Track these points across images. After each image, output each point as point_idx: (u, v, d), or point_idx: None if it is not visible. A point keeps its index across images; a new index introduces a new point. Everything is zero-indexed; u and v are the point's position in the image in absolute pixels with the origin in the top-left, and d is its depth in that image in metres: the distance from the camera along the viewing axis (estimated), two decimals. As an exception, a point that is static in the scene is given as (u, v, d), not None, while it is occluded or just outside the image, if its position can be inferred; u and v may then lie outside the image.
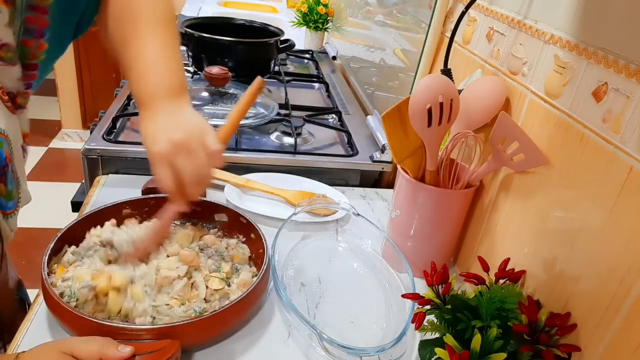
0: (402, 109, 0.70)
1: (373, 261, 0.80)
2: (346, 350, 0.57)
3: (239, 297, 0.60)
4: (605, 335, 0.50)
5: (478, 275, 0.61)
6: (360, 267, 0.80)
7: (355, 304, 0.72)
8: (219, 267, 0.68)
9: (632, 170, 0.48)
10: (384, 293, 0.74)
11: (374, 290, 0.75)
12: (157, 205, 0.69)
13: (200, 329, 0.57)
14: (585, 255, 0.54)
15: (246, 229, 0.75)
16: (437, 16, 0.90)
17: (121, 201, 0.75)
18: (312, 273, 0.76)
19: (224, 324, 0.61)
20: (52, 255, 0.64)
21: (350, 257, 0.82)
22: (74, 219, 0.70)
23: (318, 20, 1.80)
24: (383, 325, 0.68)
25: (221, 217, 0.78)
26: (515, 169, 0.66)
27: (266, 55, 1.34)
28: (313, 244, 0.83)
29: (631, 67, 0.49)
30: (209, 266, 0.68)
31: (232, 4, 2.46)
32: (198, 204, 0.76)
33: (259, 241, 0.71)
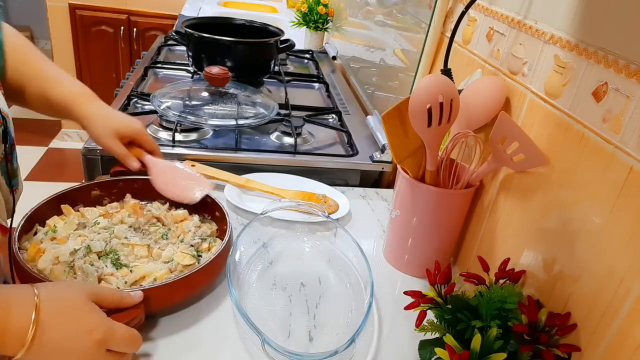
0: (402, 109, 0.70)
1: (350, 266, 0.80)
2: (288, 354, 0.55)
3: (201, 266, 0.64)
4: (605, 335, 0.50)
5: (478, 275, 0.61)
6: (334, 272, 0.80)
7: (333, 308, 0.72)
8: (199, 241, 0.72)
9: (632, 170, 0.48)
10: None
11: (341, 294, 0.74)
12: (126, 186, 0.75)
13: (165, 294, 0.60)
14: (585, 255, 0.54)
15: (210, 207, 0.78)
16: (437, 16, 0.90)
17: (90, 182, 0.77)
18: (312, 273, 0.76)
19: (185, 290, 0.63)
20: (23, 233, 0.67)
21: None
22: (43, 199, 0.71)
23: (318, 20, 1.80)
24: (340, 331, 0.66)
25: None
26: (515, 169, 0.66)
27: (266, 55, 1.34)
28: (310, 243, 0.83)
29: (631, 67, 0.49)
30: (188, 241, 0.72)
31: (232, 4, 2.46)
32: None
33: (224, 219, 0.74)
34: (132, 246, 0.69)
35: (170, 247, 0.70)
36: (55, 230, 0.68)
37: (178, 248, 0.70)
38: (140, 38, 2.80)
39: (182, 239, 0.72)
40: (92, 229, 0.70)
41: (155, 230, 0.74)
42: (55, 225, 0.70)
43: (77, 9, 2.72)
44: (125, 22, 2.77)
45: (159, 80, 1.35)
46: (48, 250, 0.65)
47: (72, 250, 0.64)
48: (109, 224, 0.72)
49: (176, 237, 0.73)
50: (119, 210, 0.76)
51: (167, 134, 1.02)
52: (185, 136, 1.02)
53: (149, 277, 0.64)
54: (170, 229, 0.75)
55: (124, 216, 0.74)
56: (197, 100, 1.12)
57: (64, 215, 0.73)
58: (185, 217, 0.77)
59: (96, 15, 2.73)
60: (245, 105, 1.12)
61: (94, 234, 0.69)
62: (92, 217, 0.73)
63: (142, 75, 1.31)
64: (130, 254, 0.68)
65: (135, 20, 2.77)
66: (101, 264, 0.65)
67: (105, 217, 0.74)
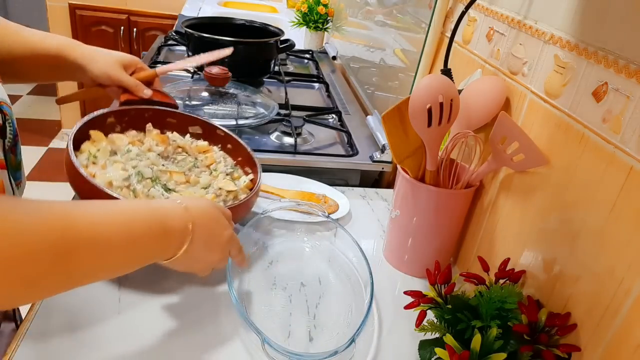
0: (402, 109, 0.70)
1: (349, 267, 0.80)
2: (288, 354, 0.56)
3: (256, 190, 0.73)
4: (605, 335, 0.50)
5: (478, 275, 0.61)
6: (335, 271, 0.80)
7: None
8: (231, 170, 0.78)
9: (632, 170, 0.48)
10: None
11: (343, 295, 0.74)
12: (137, 115, 0.78)
13: (240, 212, 0.69)
14: (585, 255, 0.54)
15: (223, 139, 0.82)
16: (437, 16, 0.90)
17: (106, 111, 0.76)
18: (312, 273, 0.76)
19: (246, 211, 0.72)
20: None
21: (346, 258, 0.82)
22: (74, 127, 0.70)
23: (318, 20, 1.80)
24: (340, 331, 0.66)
25: (195, 129, 0.84)
26: (515, 169, 0.66)
27: (266, 55, 1.34)
28: (310, 243, 0.83)
29: (631, 67, 0.49)
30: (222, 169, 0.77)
31: (232, 4, 2.46)
32: (172, 115, 0.82)
33: (239, 150, 0.81)
34: (170, 173, 0.71)
35: (204, 175, 0.75)
36: (96, 156, 0.69)
37: (215, 176, 0.75)
38: (140, 38, 2.80)
39: (215, 167, 0.77)
40: (126, 156, 0.71)
41: (184, 159, 0.76)
42: (92, 152, 0.70)
43: (77, 9, 2.72)
44: (125, 22, 2.77)
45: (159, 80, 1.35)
46: (98, 175, 0.65)
47: (125, 177, 0.66)
48: (140, 152, 0.73)
49: (206, 167, 0.77)
50: (142, 139, 0.77)
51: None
52: (185, 136, 1.02)
53: None
54: (197, 159, 0.78)
55: (151, 145, 0.75)
56: (197, 100, 1.12)
57: (93, 141, 0.72)
58: (208, 149, 0.81)
59: (96, 15, 2.73)
60: (245, 105, 1.12)
61: (129, 161, 0.70)
62: (122, 144, 0.73)
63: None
64: (170, 180, 0.71)
65: (135, 20, 2.77)
66: (158, 189, 0.67)
67: (133, 145, 0.74)
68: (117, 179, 0.65)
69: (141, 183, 0.67)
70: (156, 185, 0.68)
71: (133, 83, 0.78)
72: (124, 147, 0.72)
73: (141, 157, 0.72)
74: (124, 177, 0.66)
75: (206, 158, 0.79)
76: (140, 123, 0.79)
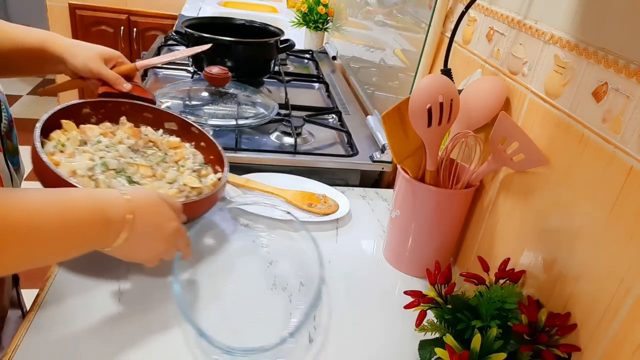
0: (402, 109, 0.70)
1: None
2: (221, 348, 0.56)
3: (220, 186, 0.73)
4: (605, 335, 0.50)
5: (478, 275, 0.61)
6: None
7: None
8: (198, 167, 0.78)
9: (632, 170, 0.48)
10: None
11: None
12: (114, 108, 0.79)
13: (193, 209, 0.68)
14: (585, 255, 0.54)
15: (196, 137, 0.83)
16: (437, 16, 0.90)
17: (81, 101, 0.77)
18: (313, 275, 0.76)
19: (202, 208, 0.71)
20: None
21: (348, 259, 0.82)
22: (47, 113, 0.70)
23: (318, 20, 1.80)
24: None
25: (171, 125, 0.85)
26: (515, 169, 0.66)
27: (266, 55, 1.34)
28: (268, 239, 0.83)
29: (631, 67, 0.49)
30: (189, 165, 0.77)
31: (232, 4, 2.46)
32: (149, 110, 0.83)
33: (211, 148, 0.81)
34: (137, 166, 0.71)
35: (171, 170, 0.75)
36: (64, 145, 0.69)
37: (182, 172, 0.75)
38: (140, 38, 2.80)
39: (183, 164, 0.78)
40: (95, 146, 0.71)
41: (153, 153, 0.77)
42: (62, 140, 0.70)
43: (77, 9, 2.72)
44: (125, 22, 2.77)
45: (159, 80, 1.35)
46: (63, 163, 0.65)
47: (90, 166, 0.66)
48: (110, 143, 0.73)
49: (174, 162, 0.78)
50: (115, 131, 0.77)
51: (167, 134, 1.02)
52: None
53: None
54: (167, 154, 0.79)
55: (122, 137, 0.75)
56: (197, 100, 1.12)
57: (64, 130, 0.72)
58: (179, 145, 0.82)
59: (96, 15, 2.73)
60: (245, 105, 1.12)
61: (98, 152, 0.70)
62: (92, 135, 0.73)
63: (142, 75, 1.31)
64: (136, 173, 0.71)
65: (135, 20, 2.77)
66: (120, 180, 0.67)
67: (104, 137, 0.74)
68: (82, 168, 0.65)
69: (105, 174, 0.67)
70: (120, 177, 0.68)
71: (113, 76, 0.79)
72: (94, 138, 0.72)
73: (110, 148, 0.72)
74: (89, 167, 0.66)
75: (176, 154, 0.80)
76: (116, 116, 0.80)
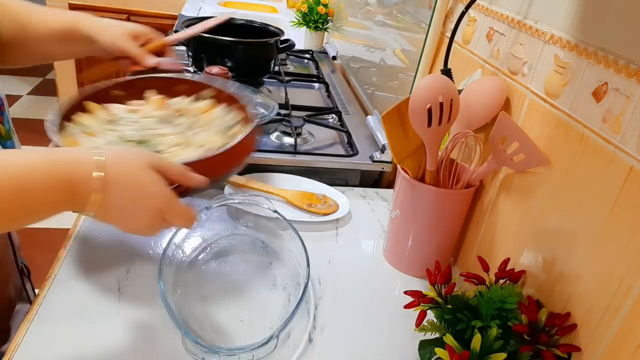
0: (402, 109, 0.70)
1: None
2: (205, 348, 0.56)
3: (242, 136, 0.64)
4: (605, 335, 0.50)
5: (478, 275, 0.61)
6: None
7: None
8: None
9: (632, 170, 0.48)
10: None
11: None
12: (145, 85, 0.76)
13: (210, 165, 0.60)
14: (585, 255, 0.54)
15: (233, 100, 0.77)
16: (437, 16, 0.90)
17: (109, 83, 0.76)
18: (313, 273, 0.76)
19: (231, 161, 0.64)
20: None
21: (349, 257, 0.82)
22: (69, 100, 0.70)
23: (318, 20, 1.80)
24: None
25: (208, 93, 0.80)
26: (515, 169, 0.66)
27: (266, 55, 1.34)
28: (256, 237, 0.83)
29: (631, 67, 0.49)
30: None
31: (232, 4, 2.46)
32: (181, 82, 0.80)
33: (243, 111, 0.75)
34: (164, 136, 0.68)
35: (201, 133, 0.70)
36: (88, 125, 0.67)
37: (210, 132, 0.70)
38: (140, 38, 2.80)
39: (212, 123, 0.72)
40: (122, 124, 0.69)
41: (183, 121, 0.73)
42: (84, 122, 0.68)
43: (77, 9, 2.72)
44: (125, 22, 2.77)
45: (159, 80, 1.35)
46: (81, 143, 0.64)
47: (106, 142, 0.64)
48: (138, 118, 0.71)
49: (205, 124, 0.72)
50: (143, 106, 0.75)
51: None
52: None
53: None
54: (197, 119, 0.74)
55: (148, 111, 0.73)
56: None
57: (89, 112, 0.71)
58: (210, 108, 0.76)
59: (96, 15, 2.73)
60: (245, 105, 1.12)
61: (124, 128, 0.68)
62: (119, 112, 0.71)
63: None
64: (161, 143, 0.67)
65: (135, 20, 2.77)
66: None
67: (131, 113, 0.72)
68: (99, 144, 0.63)
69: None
70: (141, 147, 0.65)
71: (139, 52, 0.78)
72: (121, 116, 0.71)
73: (137, 123, 0.70)
74: (106, 143, 0.64)
75: (206, 117, 0.75)
76: (175, 92, 0.78)
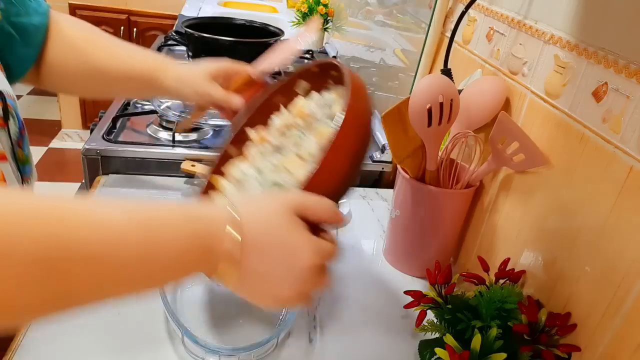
0: (402, 109, 0.70)
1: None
2: (203, 348, 0.56)
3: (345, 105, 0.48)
4: (605, 335, 0.50)
5: (478, 275, 0.61)
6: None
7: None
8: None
9: (632, 170, 0.48)
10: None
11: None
12: (263, 111, 0.68)
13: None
14: (585, 255, 0.54)
15: (334, 77, 0.64)
16: (437, 16, 0.90)
17: (240, 124, 0.69)
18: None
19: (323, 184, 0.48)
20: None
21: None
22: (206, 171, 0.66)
23: (318, 20, 1.80)
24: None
25: (300, 85, 0.69)
26: (515, 169, 0.66)
27: (266, 55, 1.34)
28: None
29: (631, 67, 0.49)
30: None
31: (232, 4, 2.46)
32: (275, 95, 0.69)
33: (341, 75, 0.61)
34: (288, 167, 0.60)
35: (309, 141, 0.61)
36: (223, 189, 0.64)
37: (315, 130, 0.61)
38: (140, 38, 2.80)
39: (314, 124, 0.62)
40: (247, 183, 0.63)
41: (290, 137, 0.64)
42: (225, 185, 0.64)
43: (77, 9, 2.73)
44: (125, 22, 2.77)
45: (159, 80, 1.35)
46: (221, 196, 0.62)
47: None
48: (254, 171, 0.64)
49: (308, 130, 0.63)
50: (251, 149, 0.67)
51: (167, 133, 1.02)
52: (185, 136, 1.02)
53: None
54: (303, 129, 0.64)
55: (257, 153, 0.66)
56: (197, 100, 1.12)
57: (216, 186, 0.66)
58: (302, 109, 0.65)
59: (96, 15, 2.73)
60: (245, 105, 1.11)
61: (252, 184, 0.62)
62: (238, 173, 0.66)
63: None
64: (284, 171, 0.60)
65: (135, 20, 2.77)
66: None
67: (246, 162, 0.66)
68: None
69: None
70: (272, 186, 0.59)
71: (222, 97, 0.71)
72: (244, 174, 0.65)
73: (261, 174, 0.63)
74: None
75: (306, 119, 0.65)
76: (273, 110, 0.69)
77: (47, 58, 0.69)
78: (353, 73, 0.53)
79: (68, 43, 0.71)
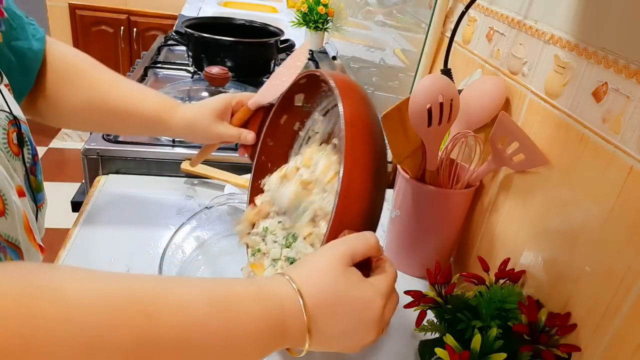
0: (402, 109, 0.70)
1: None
2: None
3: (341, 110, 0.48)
4: (605, 335, 0.50)
5: (478, 275, 0.61)
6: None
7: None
8: None
9: (632, 170, 0.48)
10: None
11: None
12: (279, 146, 0.69)
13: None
14: (585, 255, 0.54)
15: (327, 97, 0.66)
16: (437, 16, 0.90)
17: (262, 161, 0.70)
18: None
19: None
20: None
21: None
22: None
23: (318, 20, 1.80)
24: None
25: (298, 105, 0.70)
26: (515, 169, 0.66)
27: (266, 55, 1.34)
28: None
29: (631, 67, 0.49)
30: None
31: (232, 4, 2.46)
32: (271, 132, 0.70)
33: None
34: (297, 231, 0.62)
35: (320, 193, 0.60)
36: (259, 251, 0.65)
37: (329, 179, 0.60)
38: (140, 38, 2.81)
39: (320, 168, 0.62)
40: (268, 246, 0.65)
41: (291, 188, 0.64)
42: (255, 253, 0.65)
43: (77, 9, 2.73)
44: (125, 22, 2.77)
45: (159, 80, 1.35)
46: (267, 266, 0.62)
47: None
48: (268, 229, 0.65)
49: (317, 179, 0.62)
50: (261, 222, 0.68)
51: (167, 134, 1.02)
52: (185, 136, 1.02)
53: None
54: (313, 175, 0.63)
55: (263, 224, 0.66)
56: (197, 100, 1.12)
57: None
58: (312, 152, 0.65)
59: (96, 15, 2.73)
60: (245, 105, 1.11)
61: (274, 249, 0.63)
62: (256, 243, 0.66)
63: (142, 75, 1.31)
64: (301, 228, 0.61)
65: (135, 20, 2.77)
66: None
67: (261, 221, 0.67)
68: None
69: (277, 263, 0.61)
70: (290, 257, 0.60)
71: (234, 135, 0.72)
72: (264, 237, 0.65)
73: (275, 232, 0.64)
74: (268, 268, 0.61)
75: (311, 166, 0.64)
76: (287, 130, 0.71)
77: (43, 87, 0.67)
78: (344, 79, 0.53)
79: (67, 72, 0.69)
